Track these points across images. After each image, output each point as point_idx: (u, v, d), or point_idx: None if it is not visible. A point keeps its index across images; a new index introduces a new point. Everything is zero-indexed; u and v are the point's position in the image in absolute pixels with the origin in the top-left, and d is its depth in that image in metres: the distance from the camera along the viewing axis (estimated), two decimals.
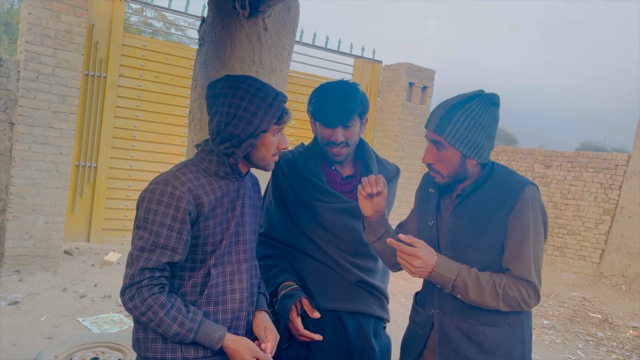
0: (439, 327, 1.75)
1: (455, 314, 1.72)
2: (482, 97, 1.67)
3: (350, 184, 2.05)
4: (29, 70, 5.42)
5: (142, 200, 1.55)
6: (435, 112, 1.70)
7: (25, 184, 5.49)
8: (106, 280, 5.72)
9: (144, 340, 1.60)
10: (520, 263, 1.64)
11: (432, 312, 1.79)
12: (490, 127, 1.66)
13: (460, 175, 1.71)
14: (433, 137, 1.69)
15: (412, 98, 8.36)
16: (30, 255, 5.59)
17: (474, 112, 1.64)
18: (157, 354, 1.58)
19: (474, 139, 1.64)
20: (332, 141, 1.94)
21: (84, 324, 4.53)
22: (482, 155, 1.68)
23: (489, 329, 1.69)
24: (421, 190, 1.93)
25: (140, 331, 1.61)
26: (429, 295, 1.82)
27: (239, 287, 1.67)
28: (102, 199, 6.65)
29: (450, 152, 1.67)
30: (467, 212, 1.71)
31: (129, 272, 1.53)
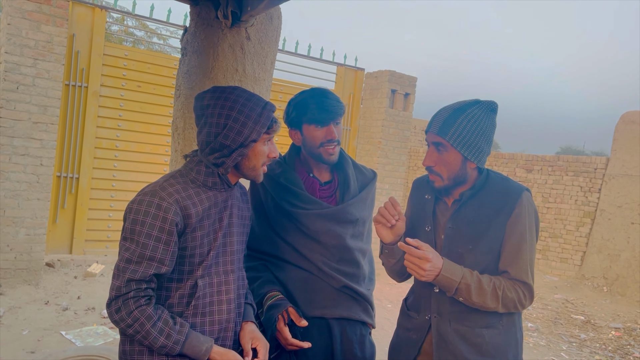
0: (436, 332, 1.77)
1: (453, 317, 1.76)
2: (482, 103, 1.74)
3: (329, 189, 2.07)
4: (9, 81, 5.36)
5: (129, 212, 1.54)
6: (437, 115, 1.75)
7: (5, 195, 5.41)
8: (89, 292, 5.65)
9: (130, 353, 1.59)
10: (518, 266, 1.71)
11: (428, 316, 1.81)
12: (489, 132, 1.73)
13: (459, 178, 1.75)
14: (435, 139, 1.73)
15: (395, 105, 8.43)
16: (11, 268, 5.50)
17: (475, 117, 1.70)
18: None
19: (475, 143, 1.70)
20: (329, 139, 1.96)
21: (68, 337, 4.46)
22: (481, 159, 1.74)
23: (485, 331, 1.73)
24: (415, 197, 1.97)
25: (127, 343, 1.60)
26: (424, 300, 1.84)
27: (226, 298, 1.67)
28: (85, 209, 6.58)
29: (452, 154, 1.72)
30: (466, 217, 1.76)
31: (115, 283, 1.52)
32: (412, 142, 13.63)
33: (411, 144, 13.18)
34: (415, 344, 1.83)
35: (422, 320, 1.83)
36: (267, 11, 2.65)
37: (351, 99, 8.86)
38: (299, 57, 8.40)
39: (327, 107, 1.95)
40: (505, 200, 1.73)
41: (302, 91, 2.06)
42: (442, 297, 1.77)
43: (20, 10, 5.35)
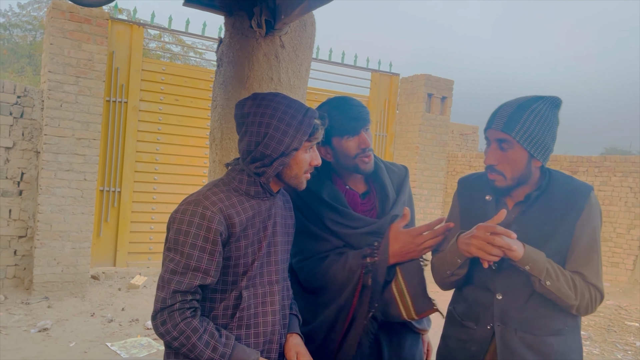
0: (501, 342, 1.66)
1: (519, 326, 1.65)
2: (546, 98, 1.66)
3: (369, 202, 1.99)
4: (53, 99, 5.53)
5: (173, 222, 1.51)
6: (500, 111, 1.66)
7: (51, 210, 5.57)
8: (133, 303, 5.74)
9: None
10: (590, 268, 1.62)
11: (490, 326, 1.69)
12: (554, 128, 1.65)
13: (523, 178, 1.66)
14: (499, 135, 1.64)
15: (432, 109, 8.30)
16: (58, 281, 5.64)
17: (541, 113, 1.62)
18: None
19: (542, 139, 1.62)
20: (363, 147, 1.87)
21: (113, 349, 4.53)
22: (547, 157, 1.66)
23: (553, 339, 1.65)
24: (468, 197, 1.85)
25: (172, 356, 1.57)
26: (482, 309, 1.73)
27: (271, 310, 1.62)
28: (127, 223, 6.71)
29: (517, 151, 1.63)
30: (533, 219, 1.67)
31: (161, 295, 1.49)
32: (451, 147, 13.40)
33: (449, 149, 12.96)
34: (476, 356, 1.72)
35: (483, 331, 1.71)
36: (301, 18, 2.62)
37: (386, 105, 8.78)
38: (333, 64, 8.39)
39: (355, 114, 1.86)
40: (573, 199, 1.65)
41: (322, 104, 1.96)
42: (506, 304, 1.67)
43: (62, 30, 5.53)
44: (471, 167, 11.98)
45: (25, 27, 15.68)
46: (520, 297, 1.65)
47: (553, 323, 1.65)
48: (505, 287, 1.67)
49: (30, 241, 5.72)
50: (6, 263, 5.65)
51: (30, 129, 5.68)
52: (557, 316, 1.65)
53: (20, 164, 5.65)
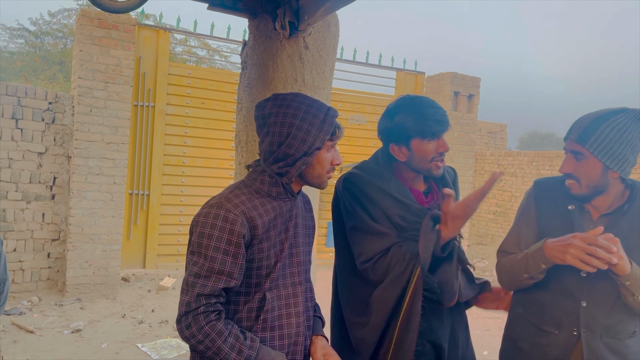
0: (587, 348, 1.69)
1: (604, 332, 1.69)
2: (629, 111, 1.66)
3: (432, 199, 1.97)
4: (83, 105, 5.64)
5: (196, 225, 1.51)
6: (577, 123, 1.70)
7: (83, 214, 5.68)
8: (163, 305, 5.81)
9: None
10: None
11: (575, 332, 1.71)
12: (635, 141, 1.64)
13: (600, 188, 1.68)
14: (574, 147, 1.68)
15: (459, 107, 8.19)
16: (90, 283, 5.76)
17: (620, 125, 1.63)
18: None
19: (618, 151, 1.63)
20: (441, 152, 1.84)
21: (143, 350, 4.59)
22: (625, 169, 1.65)
23: (630, 341, 1.71)
24: (548, 204, 1.84)
25: (198, 359, 1.58)
26: (565, 315, 1.74)
27: (295, 311, 1.62)
28: (156, 225, 6.80)
29: (591, 163, 1.66)
30: (623, 230, 1.67)
31: (185, 299, 1.49)
32: (479, 145, 13.21)
33: (477, 147, 12.77)
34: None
35: (567, 336, 1.72)
36: (324, 19, 2.61)
37: None
38: (357, 64, 8.35)
39: (440, 117, 1.81)
40: None
41: (399, 102, 1.91)
42: (592, 310, 1.69)
43: (91, 36, 5.64)
44: (500, 166, 11.78)
45: (56, 34, 16.07)
46: (606, 305, 1.68)
47: (630, 327, 1.71)
48: (590, 295, 1.70)
49: (63, 244, 5.85)
50: (40, 266, 5.79)
51: (61, 134, 5.81)
52: (633, 320, 1.71)
53: (52, 169, 5.78)
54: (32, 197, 5.67)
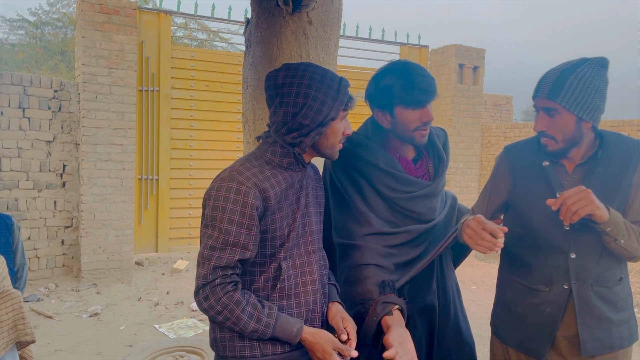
0: (578, 299, 1.73)
1: (594, 281, 1.73)
2: (590, 60, 1.66)
3: (421, 166, 1.97)
4: (88, 92, 5.65)
5: (209, 199, 1.53)
6: (544, 79, 1.69)
7: (94, 200, 5.74)
8: (177, 287, 5.90)
9: (221, 340, 1.59)
10: None
11: (565, 286, 1.74)
12: (602, 89, 1.65)
13: (575, 140, 1.69)
14: (545, 104, 1.67)
15: (464, 80, 8.12)
16: (104, 268, 5.84)
17: (586, 75, 1.63)
18: (235, 352, 1.56)
19: (589, 101, 1.63)
20: (425, 121, 1.82)
21: (161, 331, 4.67)
22: (597, 117, 1.67)
23: (618, 288, 1.76)
24: (522, 165, 1.85)
25: (217, 331, 1.60)
26: (555, 271, 1.76)
27: (311, 279, 1.64)
28: (166, 209, 6.85)
29: (565, 117, 1.66)
30: (598, 178, 1.71)
31: (202, 272, 1.51)
32: (485, 118, 13.13)
33: (483, 120, 12.69)
34: (554, 317, 1.76)
35: (559, 291, 1.75)
36: None
37: None
38: (361, 40, 8.28)
39: (425, 86, 1.78)
40: (630, 155, 1.71)
41: (388, 67, 1.87)
42: (581, 261, 1.73)
43: (92, 22, 5.62)
44: (506, 139, 11.71)
45: (56, 24, 15.99)
46: (594, 254, 1.72)
47: (617, 273, 1.76)
48: (578, 246, 1.72)
49: (76, 231, 5.92)
50: (55, 253, 5.87)
51: (68, 121, 5.84)
52: (620, 266, 1.76)
53: (61, 157, 5.82)
54: (43, 186, 5.73)
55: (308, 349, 1.58)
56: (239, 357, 1.57)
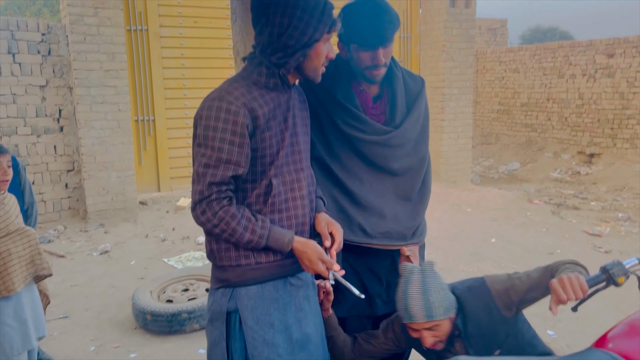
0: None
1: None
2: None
3: (379, 106, 2.01)
4: (76, 33, 5.58)
5: (200, 119, 1.60)
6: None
7: (93, 143, 5.80)
8: (182, 223, 6.06)
9: (217, 251, 1.70)
10: None
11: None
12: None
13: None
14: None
15: (456, 3, 7.96)
16: (110, 209, 5.98)
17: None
18: (231, 261, 1.68)
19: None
20: (375, 64, 1.86)
21: (170, 264, 4.87)
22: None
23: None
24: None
25: (213, 242, 1.71)
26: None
27: (300, 195, 1.74)
28: (165, 149, 6.92)
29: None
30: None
31: (197, 188, 1.60)
32: (479, 44, 12.94)
33: (478, 45, 12.52)
34: None
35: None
36: None
37: (408, 5, 8.47)
38: None
39: (377, 30, 1.81)
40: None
41: (354, 3, 1.89)
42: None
43: None
44: (501, 63, 11.61)
45: None
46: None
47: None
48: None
49: (78, 174, 6.02)
50: (60, 196, 6.00)
51: (59, 65, 5.80)
52: None
53: (56, 101, 5.83)
54: (42, 131, 5.77)
55: (297, 257, 1.69)
56: (235, 266, 1.69)
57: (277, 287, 1.73)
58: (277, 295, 1.73)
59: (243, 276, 1.69)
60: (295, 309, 1.77)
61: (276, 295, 1.73)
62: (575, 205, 7.06)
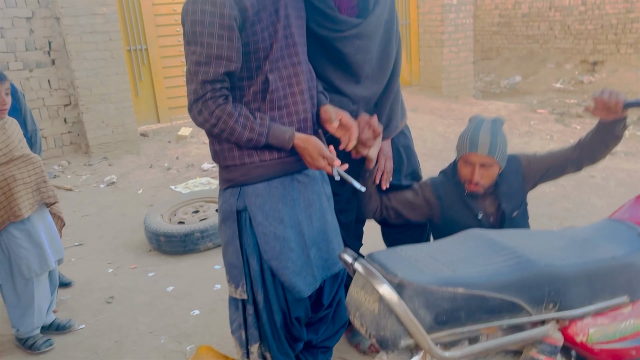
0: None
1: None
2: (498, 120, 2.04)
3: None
4: None
5: (186, 14, 1.55)
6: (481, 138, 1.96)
7: (87, 75, 5.67)
8: (185, 152, 6.05)
9: (221, 151, 1.71)
10: None
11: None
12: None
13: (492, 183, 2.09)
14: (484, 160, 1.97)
15: None
16: (111, 142, 5.94)
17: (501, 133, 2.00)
18: (235, 160, 1.69)
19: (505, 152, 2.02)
20: None
21: (177, 190, 4.90)
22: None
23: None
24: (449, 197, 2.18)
25: (216, 143, 1.71)
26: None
27: (299, 89, 1.70)
28: (161, 79, 6.78)
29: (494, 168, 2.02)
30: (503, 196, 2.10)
31: (191, 87, 1.57)
32: None
33: None
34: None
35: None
36: None
37: None
38: None
39: None
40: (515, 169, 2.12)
41: None
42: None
43: None
44: None
45: None
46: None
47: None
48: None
49: (76, 108, 5.93)
50: (60, 131, 5.94)
51: None
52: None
53: (44, 33, 5.65)
54: (33, 65, 5.63)
55: (300, 153, 1.68)
56: (240, 165, 1.69)
57: (284, 183, 1.74)
58: (285, 192, 1.74)
59: (249, 174, 1.70)
60: (305, 205, 1.79)
61: (284, 192, 1.74)
62: (579, 113, 7.00)
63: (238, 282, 1.79)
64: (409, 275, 1.17)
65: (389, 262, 1.22)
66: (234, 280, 1.80)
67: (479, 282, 1.18)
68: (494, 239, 1.33)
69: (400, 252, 1.30)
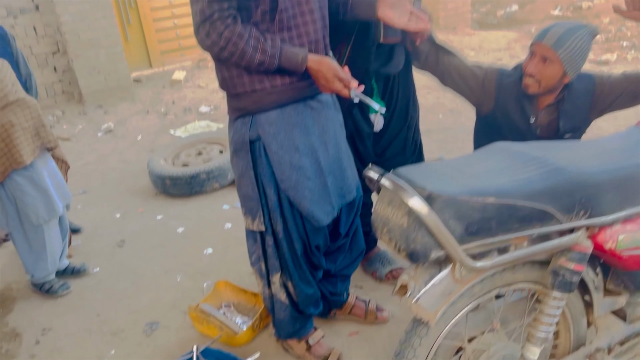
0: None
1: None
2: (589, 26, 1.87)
3: None
4: None
5: None
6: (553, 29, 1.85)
7: (73, 20, 5.46)
8: (181, 96, 5.93)
9: (229, 78, 1.63)
10: None
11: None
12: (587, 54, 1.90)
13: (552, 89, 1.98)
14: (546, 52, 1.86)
15: None
16: (104, 89, 5.80)
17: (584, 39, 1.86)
18: (246, 87, 1.61)
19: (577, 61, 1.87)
20: None
21: (177, 134, 4.83)
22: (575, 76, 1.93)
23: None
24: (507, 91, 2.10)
25: (224, 70, 1.62)
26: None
27: (308, 9, 1.60)
28: (150, 22, 6.56)
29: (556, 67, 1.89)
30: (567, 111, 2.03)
31: (197, 8, 1.48)
32: None
33: None
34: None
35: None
36: None
37: None
38: None
39: None
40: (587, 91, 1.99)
41: None
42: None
43: None
44: None
45: None
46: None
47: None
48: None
49: (65, 55, 5.75)
50: (50, 80, 5.78)
51: None
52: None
53: None
54: (17, 11, 5.40)
55: (313, 77, 1.60)
56: (250, 92, 1.62)
57: (297, 110, 1.68)
58: (299, 119, 1.68)
59: (260, 102, 1.63)
60: (319, 132, 1.74)
61: (297, 119, 1.68)
62: None
63: (255, 214, 1.77)
64: (438, 187, 1.14)
65: (416, 177, 1.18)
66: (251, 212, 1.78)
67: (509, 191, 1.15)
68: (522, 151, 1.30)
69: (427, 167, 1.27)
